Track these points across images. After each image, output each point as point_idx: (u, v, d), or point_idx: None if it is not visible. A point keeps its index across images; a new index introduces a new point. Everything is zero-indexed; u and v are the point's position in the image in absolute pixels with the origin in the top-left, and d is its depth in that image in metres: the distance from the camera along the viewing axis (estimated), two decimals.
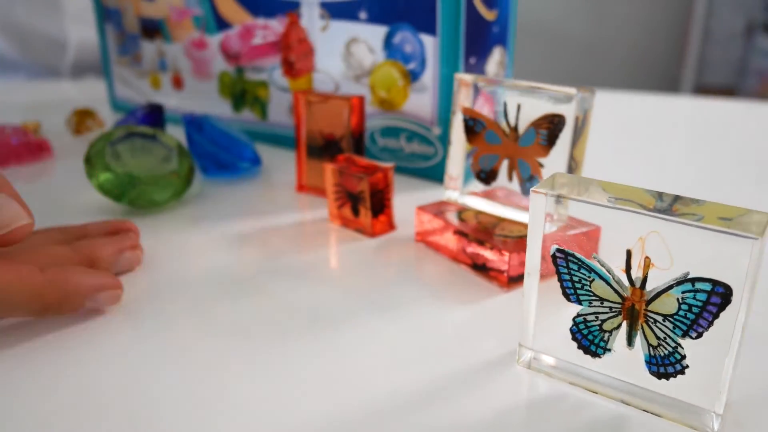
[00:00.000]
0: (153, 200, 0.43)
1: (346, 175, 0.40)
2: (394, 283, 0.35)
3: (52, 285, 0.28)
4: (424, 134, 0.49)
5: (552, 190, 0.25)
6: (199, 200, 0.46)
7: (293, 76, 0.55)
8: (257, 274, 0.36)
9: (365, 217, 0.40)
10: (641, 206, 0.24)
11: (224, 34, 0.58)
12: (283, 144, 0.58)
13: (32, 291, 0.28)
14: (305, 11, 0.52)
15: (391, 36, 0.48)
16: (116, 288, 0.31)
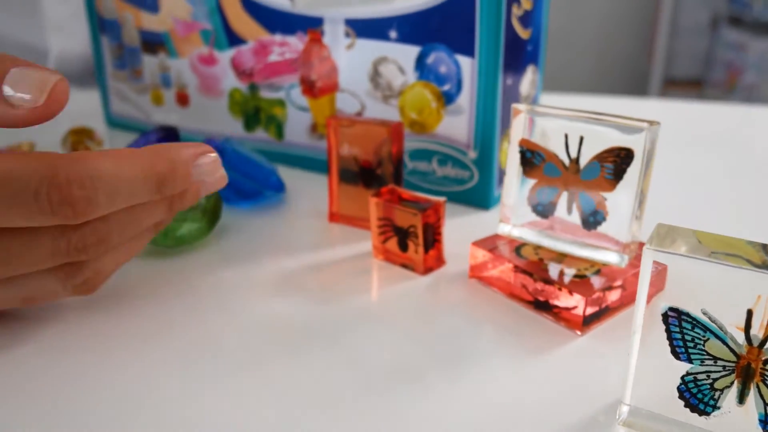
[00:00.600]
0: (179, 238, 0.40)
1: (394, 209, 0.39)
2: (457, 330, 0.33)
3: (157, 155, 0.28)
4: (458, 158, 0.47)
5: (665, 248, 0.24)
6: (225, 234, 0.44)
7: (314, 96, 0.52)
8: (308, 319, 0.34)
9: (416, 254, 0.38)
10: (750, 262, 0.23)
11: (236, 50, 0.56)
12: (300, 165, 0.56)
13: (143, 166, 0.27)
14: (328, 28, 0.50)
15: (424, 56, 0.46)
16: (211, 151, 0.31)
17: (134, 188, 0.27)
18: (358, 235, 0.44)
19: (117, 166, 0.27)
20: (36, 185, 0.24)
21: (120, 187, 0.27)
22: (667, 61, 2.43)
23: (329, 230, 0.45)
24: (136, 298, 0.36)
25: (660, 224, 0.26)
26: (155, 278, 0.38)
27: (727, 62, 2.24)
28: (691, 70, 2.43)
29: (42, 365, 0.30)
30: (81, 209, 0.25)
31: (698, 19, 2.38)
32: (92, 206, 0.26)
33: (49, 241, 0.27)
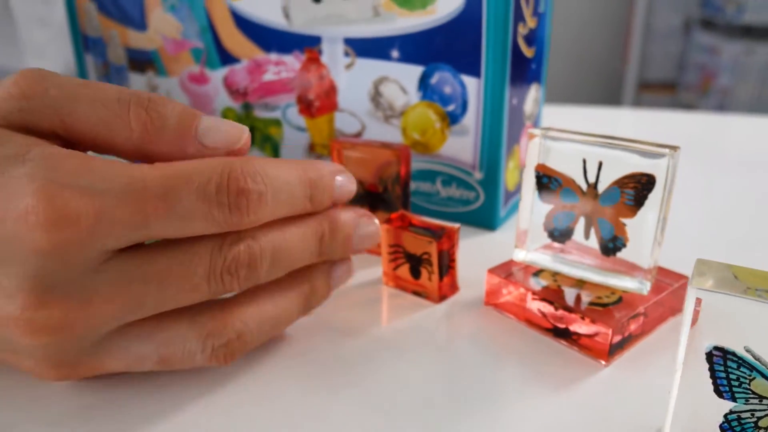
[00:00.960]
0: None
1: (406, 236, 0.37)
2: (478, 362, 0.32)
3: (305, 163, 0.30)
4: (464, 178, 0.46)
5: (709, 288, 0.24)
6: None
7: (311, 115, 0.51)
8: (319, 352, 0.33)
9: (429, 281, 0.37)
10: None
11: (229, 69, 0.54)
12: None
13: (297, 171, 0.29)
14: (326, 48, 0.49)
15: (428, 76, 0.45)
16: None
17: (293, 190, 0.28)
18: (365, 261, 0.43)
19: (277, 168, 0.28)
20: (218, 177, 0.25)
21: (282, 187, 0.28)
22: (641, 64, 2.46)
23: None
24: None
25: (700, 260, 0.25)
26: None
27: (701, 65, 2.27)
28: (665, 74, 2.46)
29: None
30: (254, 203, 0.26)
31: (671, 23, 2.41)
32: (262, 203, 0.27)
33: (207, 256, 0.26)
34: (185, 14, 0.55)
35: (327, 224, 0.31)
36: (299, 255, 0.30)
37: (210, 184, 0.25)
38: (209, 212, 0.25)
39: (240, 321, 0.29)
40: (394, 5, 0.44)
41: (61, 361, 0.27)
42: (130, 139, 0.27)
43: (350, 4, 0.46)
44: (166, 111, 0.27)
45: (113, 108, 0.27)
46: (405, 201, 0.42)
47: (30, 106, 0.26)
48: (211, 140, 0.28)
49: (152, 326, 0.28)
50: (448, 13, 0.43)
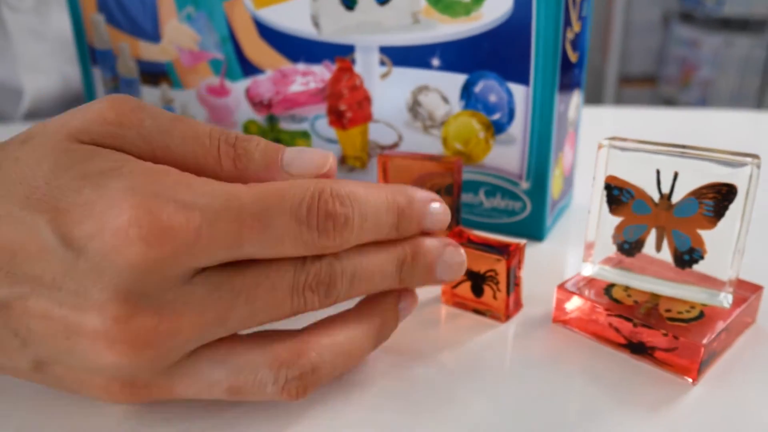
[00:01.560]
0: None
1: (469, 253, 0.36)
2: (561, 386, 0.31)
3: (396, 189, 0.29)
4: (509, 188, 0.45)
5: None
6: None
7: (343, 127, 0.49)
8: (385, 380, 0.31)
9: (495, 300, 0.36)
10: None
11: (252, 80, 0.52)
12: None
13: (386, 196, 0.28)
14: (360, 57, 0.47)
15: (472, 85, 0.44)
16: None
17: (379, 216, 0.28)
18: None
19: (366, 192, 0.27)
20: (309, 198, 0.25)
21: (369, 212, 0.27)
22: (621, 59, 2.47)
23: None
24: None
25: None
26: None
27: (681, 58, 2.29)
28: (646, 68, 2.48)
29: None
30: (340, 227, 0.26)
31: (650, 17, 2.43)
32: (348, 226, 0.26)
33: (291, 272, 0.26)
34: (203, 24, 0.52)
35: (410, 250, 0.30)
36: (379, 279, 0.29)
37: (302, 205, 0.25)
38: (299, 234, 0.25)
39: (315, 352, 0.28)
40: (435, 12, 0.43)
41: (135, 382, 0.26)
42: (219, 175, 0.27)
43: (387, 11, 0.44)
44: (251, 147, 0.28)
45: (204, 144, 0.27)
46: (458, 215, 0.40)
47: (124, 133, 0.26)
48: (296, 169, 0.28)
49: (226, 351, 0.27)
50: (495, 19, 0.41)
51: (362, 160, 0.50)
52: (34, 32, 0.82)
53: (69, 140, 0.26)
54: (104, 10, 0.57)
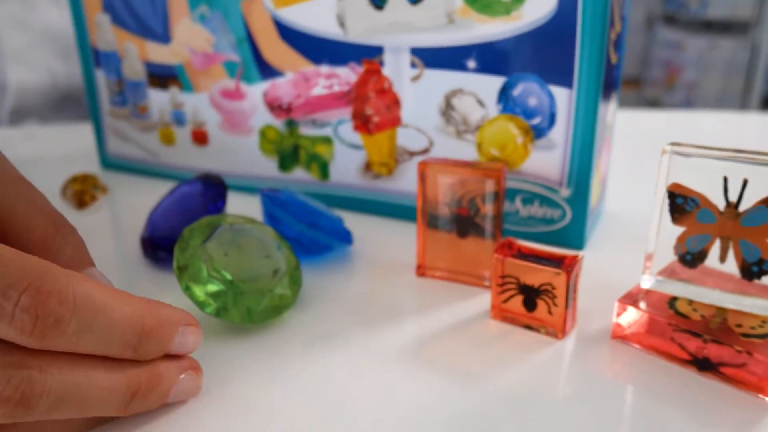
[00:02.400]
0: (268, 311, 0.35)
1: (524, 266, 0.34)
2: (633, 409, 0.29)
3: (148, 307, 0.26)
4: (548, 196, 0.43)
5: None
6: (305, 299, 0.38)
7: (369, 132, 0.47)
8: (449, 410, 0.29)
9: (551, 315, 0.34)
10: None
11: (270, 83, 0.50)
12: (350, 208, 0.50)
13: (132, 314, 0.25)
14: (389, 58, 0.45)
15: (510, 88, 0.42)
16: (198, 326, 0.29)
17: (112, 331, 0.25)
18: (458, 292, 0.39)
19: (107, 302, 0.24)
20: (23, 282, 0.22)
21: (97, 324, 0.24)
22: None
23: (421, 287, 0.40)
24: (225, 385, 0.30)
25: None
26: (238, 364, 0.32)
27: (665, 61, 2.30)
28: (630, 70, 2.48)
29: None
30: (47, 328, 0.23)
31: (634, 19, 2.43)
32: (58, 331, 0.23)
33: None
34: (218, 25, 0.50)
35: (145, 379, 0.26)
36: (98, 404, 0.25)
37: (12, 285, 0.22)
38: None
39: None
40: (473, 11, 0.41)
41: None
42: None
43: (420, 10, 0.42)
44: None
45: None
46: (501, 225, 0.38)
47: None
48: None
49: None
50: (537, 19, 0.40)
51: (389, 166, 0.48)
52: (18, 22, 0.78)
53: None
54: (110, 9, 0.54)
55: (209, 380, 0.31)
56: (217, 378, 0.31)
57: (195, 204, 0.43)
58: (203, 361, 0.32)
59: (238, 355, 0.33)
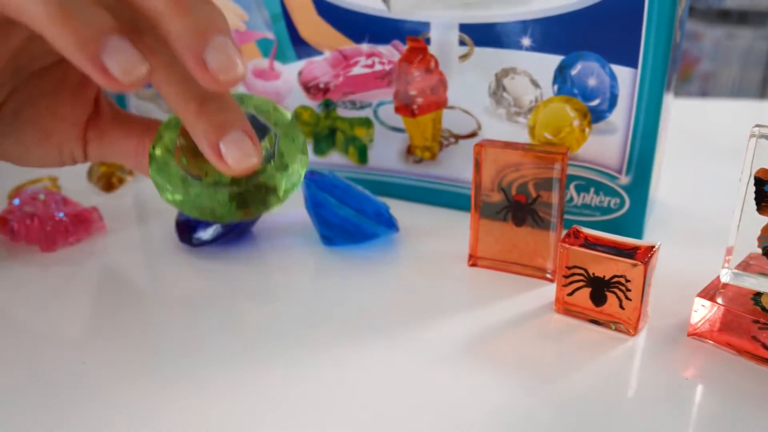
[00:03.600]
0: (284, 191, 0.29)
1: (592, 256, 0.32)
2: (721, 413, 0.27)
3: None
4: (606, 183, 0.40)
5: None
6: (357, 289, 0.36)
7: (412, 114, 0.45)
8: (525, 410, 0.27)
9: (626, 311, 0.32)
10: None
11: (306, 62, 0.47)
12: (389, 193, 0.48)
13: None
14: (436, 35, 0.42)
15: (568, 67, 0.39)
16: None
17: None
18: (514, 283, 0.37)
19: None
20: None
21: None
22: None
23: (474, 278, 0.37)
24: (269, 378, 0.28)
25: None
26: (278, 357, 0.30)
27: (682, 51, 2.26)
28: None
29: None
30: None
31: None
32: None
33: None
34: (251, 1, 0.47)
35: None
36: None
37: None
38: None
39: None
40: None
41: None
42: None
43: None
44: None
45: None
46: (562, 213, 0.36)
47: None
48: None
49: None
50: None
51: (432, 150, 0.45)
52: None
53: None
54: None
55: (252, 376, 0.28)
56: (260, 371, 0.29)
57: None
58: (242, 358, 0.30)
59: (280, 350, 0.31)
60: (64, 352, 0.30)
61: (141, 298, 0.36)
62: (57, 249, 0.41)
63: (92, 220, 0.43)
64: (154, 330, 0.33)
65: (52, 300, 0.35)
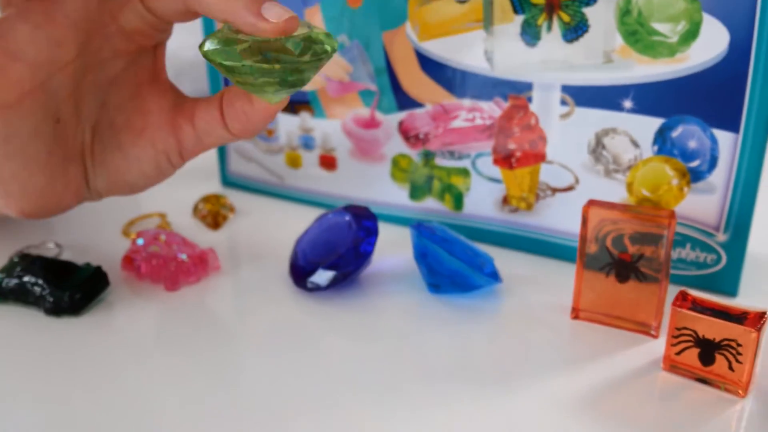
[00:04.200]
0: None
1: (702, 319, 0.33)
2: None
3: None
4: (701, 239, 0.42)
5: None
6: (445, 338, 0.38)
7: (510, 166, 0.47)
8: None
9: (735, 372, 0.33)
10: None
11: (407, 113, 0.50)
12: (483, 240, 0.50)
13: None
14: (538, 95, 0.44)
15: (669, 129, 0.41)
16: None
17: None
18: (617, 338, 0.39)
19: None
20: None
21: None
22: None
23: (577, 331, 0.40)
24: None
25: None
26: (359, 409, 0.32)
27: None
28: None
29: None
30: None
31: None
32: None
33: None
34: (356, 54, 0.50)
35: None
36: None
37: None
38: None
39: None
40: (633, 52, 0.40)
41: None
42: None
43: (575, 48, 0.42)
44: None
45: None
46: (669, 271, 0.38)
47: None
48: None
49: None
50: (704, 62, 0.39)
51: (528, 201, 0.47)
52: None
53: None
54: None
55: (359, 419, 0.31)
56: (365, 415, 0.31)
57: (344, 235, 0.43)
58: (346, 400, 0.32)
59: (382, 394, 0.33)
60: (183, 387, 0.33)
61: (255, 336, 0.39)
62: (179, 289, 0.44)
63: (210, 260, 0.46)
64: (265, 369, 0.36)
65: (175, 335, 0.39)
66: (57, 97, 0.33)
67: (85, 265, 0.43)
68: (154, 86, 0.37)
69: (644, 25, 0.39)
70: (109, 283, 0.43)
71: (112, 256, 0.46)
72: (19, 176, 0.34)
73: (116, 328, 0.40)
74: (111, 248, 0.48)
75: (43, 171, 0.34)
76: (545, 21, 0.42)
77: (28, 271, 0.42)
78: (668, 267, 0.38)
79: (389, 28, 0.48)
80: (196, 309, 0.42)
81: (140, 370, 0.36)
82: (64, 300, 0.40)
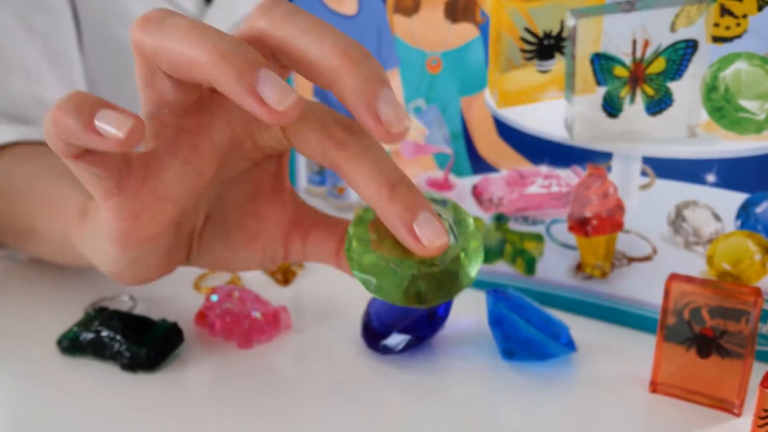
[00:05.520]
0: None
1: None
2: None
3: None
4: None
5: None
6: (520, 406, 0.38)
7: (586, 234, 0.47)
8: None
9: None
10: None
11: (482, 178, 0.51)
12: (554, 305, 0.50)
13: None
14: (618, 165, 0.45)
15: (753, 205, 0.41)
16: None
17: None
18: (697, 414, 0.38)
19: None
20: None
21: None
22: None
23: (655, 405, 0.39)
24: None
25: None
26: None
27: None
28: None
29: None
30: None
31: None
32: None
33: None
34: (433, 118, 0.52)
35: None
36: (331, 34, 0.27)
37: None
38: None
39: None
40: (719, 127, 0.41)
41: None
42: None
43: (658, 121, 0.42)
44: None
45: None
46: (754, 348, 0.37)
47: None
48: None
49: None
50: None
51: (603, 269, 0.47)
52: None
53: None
54: (319, 95, 0.57)
55: None
56: None
57: None
58: None
59: None
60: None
61: (326, 396, 0.39)
62: (252, 347, 0.45)
63: (282, 318, 0.47)
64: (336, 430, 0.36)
65: (247, 394, 0.39)
66: (185, 211, 0.33)
67: (162, 320, 0.44)
68: (275, 194, 0.35)
69: (731, 101, 0.39)
70: (183, 339, 0.44)
71: (185, 310, 0.47)
72: (135, 271, 0.35)
73: (189, 385, 0.41)
74: (183, 302, 0.49)
75: (156, 265, 0.35)
76: (628, 93, 0.43)
77: (106, 325, 0.42)
78: (754, 344, 0.37)
79: (468, 93, 0.50)
80: (268, 368, 0.42)
81: (210, 428, 0.36)
82: (141, 356, 0.41)
